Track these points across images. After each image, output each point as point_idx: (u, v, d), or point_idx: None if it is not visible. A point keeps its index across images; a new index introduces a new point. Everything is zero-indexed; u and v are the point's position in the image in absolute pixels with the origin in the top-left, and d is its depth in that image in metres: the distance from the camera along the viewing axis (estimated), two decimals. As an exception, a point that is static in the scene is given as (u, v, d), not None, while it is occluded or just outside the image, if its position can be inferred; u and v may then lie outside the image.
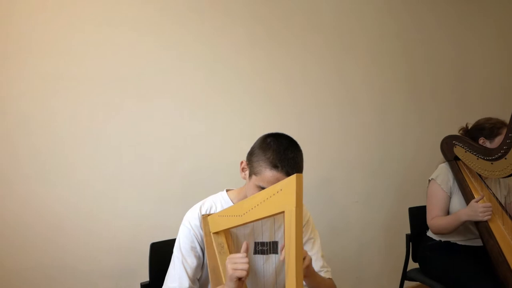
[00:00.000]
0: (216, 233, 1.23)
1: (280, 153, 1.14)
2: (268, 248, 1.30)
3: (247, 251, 1.09)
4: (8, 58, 1.74)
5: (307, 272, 1.14)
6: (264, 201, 0.98)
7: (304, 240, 1.36)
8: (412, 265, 2.19)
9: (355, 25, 2.62)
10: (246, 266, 1.03)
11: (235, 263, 1.04)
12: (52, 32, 1.82)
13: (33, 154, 1.79)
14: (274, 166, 1.13)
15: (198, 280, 1.28)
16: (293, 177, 0.87)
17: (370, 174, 2.69)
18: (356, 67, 2.62)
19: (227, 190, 1.38)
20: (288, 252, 0.88)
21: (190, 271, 1.23)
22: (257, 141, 1.23)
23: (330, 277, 1.35)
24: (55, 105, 1.83)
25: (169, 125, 2.05)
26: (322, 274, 1.32)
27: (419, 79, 2.88)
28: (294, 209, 0.87)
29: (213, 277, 1.15)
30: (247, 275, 1.04)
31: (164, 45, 2.05)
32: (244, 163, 1.26)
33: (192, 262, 1.24)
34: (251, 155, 1.22)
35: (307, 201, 2.40)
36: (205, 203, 1.34)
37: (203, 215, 1.27)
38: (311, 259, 1.15)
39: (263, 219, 1.02)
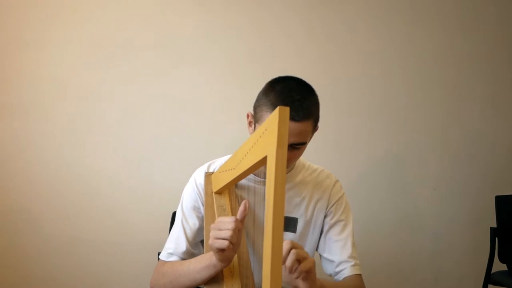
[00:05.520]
0: (219, 193, 1.06)
1: (283, 93, 0.93)
2: (284, 223, 1.09)
3: (244, 214, 0.87)
4: (44, 23, 1.78)
5: (307, 277, 0.84)
6: (252, 146, 0.79)
7: (332, 221, 1.11)
8: (499, 266, 1.80)
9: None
10: (228, 234, 0.81)
11: (219, 230, 0.83)
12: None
13: (64, 122, 1.81)
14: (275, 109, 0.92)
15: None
16: (276, 111, 0.66)
17: (451, 156, 2.29)
18: (434, 35, 2.25)
19: None
20: (267, 215, 0.66)
21: (189, 233, 1.07)
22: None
23: (359, 273, 1.06)
24: (88, 73, 1.83)
25: (206, 94, 1.95)
26: (348, 268, 1.05)
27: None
28: (274, 150, 0.66)
29: (208, 243, 0.98)
30: (235, 246, 0.84)
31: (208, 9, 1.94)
32: (250, 116, 1.06)
33: (193, 223, 1.08)
34: (255, 102, 1.02)
35: (370, 183, 2.19)
36: (216, 161, 1.17)
37: (206, 172, 1.11)
38: (313, 262, 0.85)
39: (253, 169, 0.81)
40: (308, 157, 1.26)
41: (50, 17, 1.77)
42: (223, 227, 0.83)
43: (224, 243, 0.82)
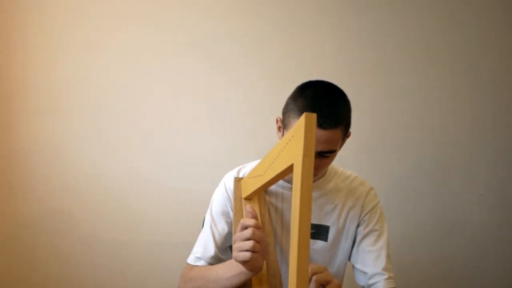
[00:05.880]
0: (249, 199, 1.04)
1: (311, 99, 0.90)
2: (315, 231, 1.06)
3: (253, 215, 0.88)
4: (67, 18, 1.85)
5: None
6: (279, 153, 0.76)
7: (365, 231, 1.07)
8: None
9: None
10: (250, 245, 0.80)
11: (241, 241, 0.82)
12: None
13: (100, 125, 1.87)
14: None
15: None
16: (302, 118, 0.64)
17: (498, 159, 2.12)
18: (481, 28, 2.09)
19: None
20: (293, 225, 0.65)
21: (218, 238, 1.06)
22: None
23: (393, 287, 1.01)
24: (125, 78, 1.87)
25: (237, 98, 1.94)
26: (381, 282, 1.00)
27: None
28: (301, 159, 0.64)
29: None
30: (260, 253, 0.82)
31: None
32: (279, 121, 1.03)
33: (222, 228, 1.07)
34: (284, 107, 0.99)
35: (411, 188, 2.08)
36: (246, 166, 1.15)
37: (235, 177, 1.09)
38: (338, 285, 0.82)
39: (281, 176, 0.79)
40: (344, 161, 1.21)
41: (104, 22, 1.86)
42: (243, 237, 0.82)
43: (247, 255, 0.80)
